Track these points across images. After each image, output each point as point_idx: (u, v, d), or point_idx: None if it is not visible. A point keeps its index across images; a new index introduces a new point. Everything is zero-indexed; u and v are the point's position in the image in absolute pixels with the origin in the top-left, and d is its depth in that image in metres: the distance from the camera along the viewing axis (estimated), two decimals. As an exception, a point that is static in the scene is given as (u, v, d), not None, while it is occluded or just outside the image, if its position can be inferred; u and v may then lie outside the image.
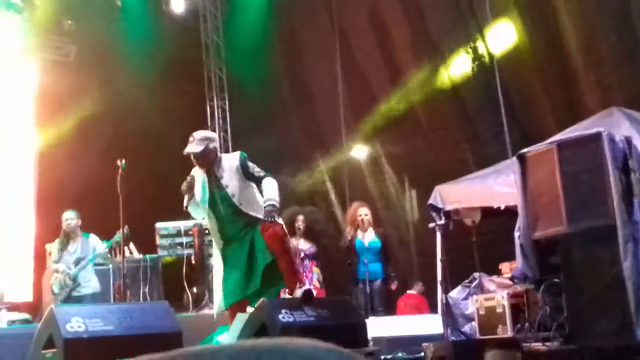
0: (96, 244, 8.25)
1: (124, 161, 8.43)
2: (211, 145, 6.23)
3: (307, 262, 9.19)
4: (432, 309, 9.58)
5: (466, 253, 9.46)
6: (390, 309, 9.39)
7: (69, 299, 7.90)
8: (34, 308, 9.89)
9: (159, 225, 9.20)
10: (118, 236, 7.98)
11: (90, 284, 8.13)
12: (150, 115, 11.39)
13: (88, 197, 9.72)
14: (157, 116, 11.41)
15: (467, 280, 9.30)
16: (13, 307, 9.20)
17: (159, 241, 9.10)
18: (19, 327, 8.38)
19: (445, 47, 10.98)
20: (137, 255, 9.17)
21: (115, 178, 9.20)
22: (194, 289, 9.17)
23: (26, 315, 8.96)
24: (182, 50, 12.64)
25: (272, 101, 12.98)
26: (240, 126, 13.17)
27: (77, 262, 8.04)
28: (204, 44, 13.45)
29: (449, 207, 9.29)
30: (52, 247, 9.15)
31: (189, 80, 12.87)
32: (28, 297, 10.57)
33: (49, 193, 11.04)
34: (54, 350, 5.58)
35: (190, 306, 8.94)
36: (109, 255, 8.62)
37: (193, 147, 6.18)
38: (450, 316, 8.88)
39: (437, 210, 9.34)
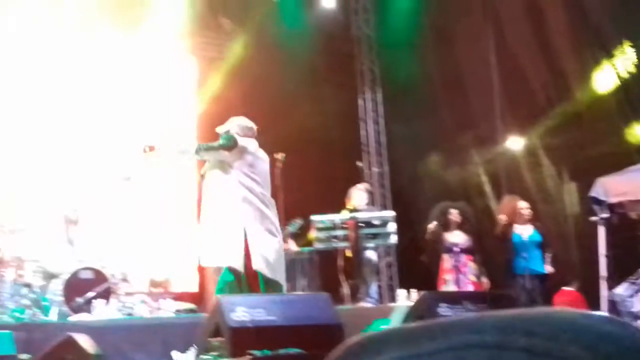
0: None
1: (283, 155, 8.62)
2: None
3: (462, 256, 9.07)
4: (593, 306, 9.24)
5: (631, 248, 9.08)
6: (549, 305, 9.13)
7: None
8: (198, 298, 10.30)
9: (315, 218, 9.33)
10: (294, 225, 8.16)
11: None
12: (304, 109, 11.56)
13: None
14: (312, 110, 11.58)
15: (633, 277, 8.91)
16: (178, 297, 9.58)
17: (315, 234, 9.22)
18: (185, 317, 8.76)
19: (607, 32, 10.54)
20: (294, 248, 9.34)
21: (273, 172, 9.46)
22: (350, 282, 9.24)
23: (191, 305, 9.32)
24: (335, 45, 12.76)
25: (424, 94, 12.88)
26: (392, 119, 13.17)
27: None
28: (356, 37, 13.54)
29: (612, 200, 8.93)
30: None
31: (342, 74, 12.98)
32: (193, 287, 11.02)
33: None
34: (221, 338, 5.79)
35: (348, 299, 9.01)
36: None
37: None
38: (615, 314, 8.53)
39: (600, 203, 8.99)
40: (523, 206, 8.78)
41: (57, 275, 8.56)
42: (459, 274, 9.05)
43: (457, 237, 9.19)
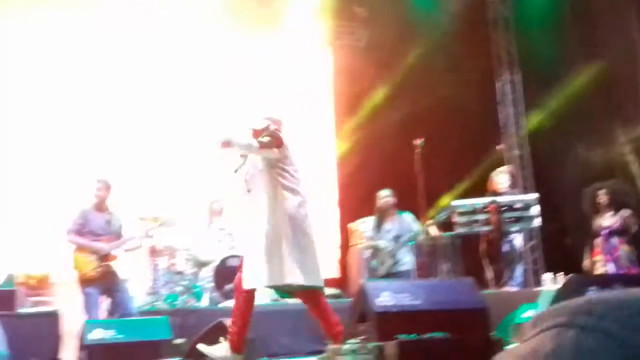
0: (412, 222, 8.47)
1: (422, 140, 8.62)
2: None
3: (613, 239, 8.74)
4: None
5: None
6: None
7: (387, 276, 8.15)
8: (341, 283, 10.46)
9: (455, 202, 9.27)
10: (441, 214, 8.16)
11: (406, 261, 8.36)
12: (441, 94, 11.48)
13: (386, 176, 10.03)
14: (448, 94, 11.48)
15: None
16: (326, 283, 9.73)
17: (456, 218, 9.17)
18: (330, 302, 8.89)
19: None
20: (436, 233, 9.32)
21: (411, 157, 9.47)
22: (494, 267, 9.14)
23: (336, 290, 9.47)
24: (470, 27, 12.58)
25: (564, 75, 12.50)
26: (531, 102, 12.88)
27: (394, 239, 8.30)
28: (492, 19, 13.30)
29: None
30: (359, 226, 9.61)
31: (478, 57, 12.78)
32: (335, 273, 11.21)
33: (349, 173, 11.62)
34: (367, 323, 5.88)
35: (492, 283, 8.92)
36: (426, 233, 8.83)
37: None
38: None
39: None
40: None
41: (207, 263, 8.92)
42: (611, 258, 8.75)
43: (607, 220, 8.88)
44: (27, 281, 9.05)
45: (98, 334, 6.54)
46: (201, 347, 5.62)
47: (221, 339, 5.66)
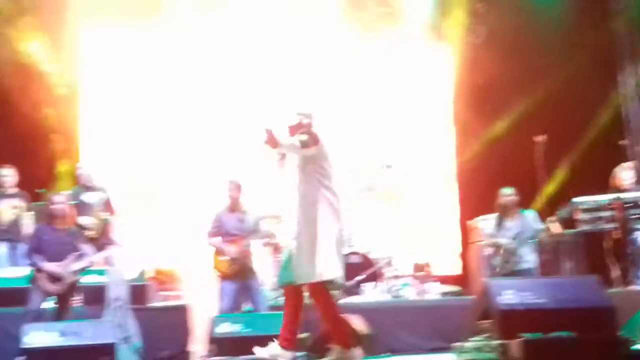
0: (534, 220, 8.37)
1: (544, 137, 8.50)
2: None
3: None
4: None
5: None
6: None
7: (509, 274, 8.08)
8: (462, 280, 10.41)
9: (577, 200, 9.07)
10: (564, 211, 8.06)
11: (529, 259, 8.27)
12: (561, 88, 11.23)
13: (506, 173, 9.92)
14: (569, 88, 11.22)
15: None
16: (442, 280, 9.75)
17: (579, 216, 8.98)
18: (450, 299, 8.94)
19: None
20: (558, 230, 9.15)
21: (532, 153, 9.34)
22: (620, 265, 8.89)
23: (456, 288, 9.46)
24: (592, 19, 12.24)
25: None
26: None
27: (515, 237, 8.23)
28: (614, 10, 12.89)
29: None
30: (479, 223, 9.54)
31: (600, 50, 12.43)
32: (456, 270, 11.17)
33: (469, 170, 11.57)
34: (490, 321, 5.88)
35: (617, 282, 8.69)
36: (549, 231, 8.71)
37: None
38: None
39: None
40: None
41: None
42: None
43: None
44: (157, 276, 9.45)
45: (226, 328, 6.80)
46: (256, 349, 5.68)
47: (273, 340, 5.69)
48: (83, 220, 8.48)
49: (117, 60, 10.97)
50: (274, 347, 5.57)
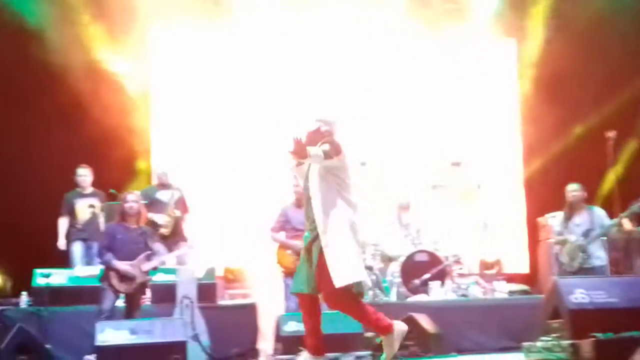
0: (603, 216, 8.20)
1: (614, 132, 8.32)
2: None
3: None
4: None
5: None
6: None
7: (579, 271, 7.93)
8: (530, 279, 10.28)
9: (650, 196, 8.85)
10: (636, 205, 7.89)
11: (599, 256, 8.10)
12: (631, 83, 10.97)
13: (574, 170, 9.76)
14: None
15: None
16: (510, 278, 9.64)
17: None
18: (518, 298, 8.82)
19: None
20: (629, 227, 8.95)
21: (602, 150, 9.14)
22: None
23: (524, 286, 9.33)
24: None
25: None
26: None
27: (584, 234, 8.07)
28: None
29: None
30: (548, 220, 9.40)
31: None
32: (524, 269, 11.03)
33: (537, 167, 11.41)
34: (560, 320, 5.80)
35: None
36: (620, 227, 8.52)
37: None
38: None
39: None
40: None
41: (394, 258, 9.06)
42: None
43: None
44: (226, 274, 9.57)
45: (293, 326, 6.84)
46: None
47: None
48: (157, 218, 8.63)
49: (187, 60, 11.13)
50: (305, 356, 5.52)
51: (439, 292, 8.60)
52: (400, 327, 5.38)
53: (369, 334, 6.95)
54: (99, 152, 9.52)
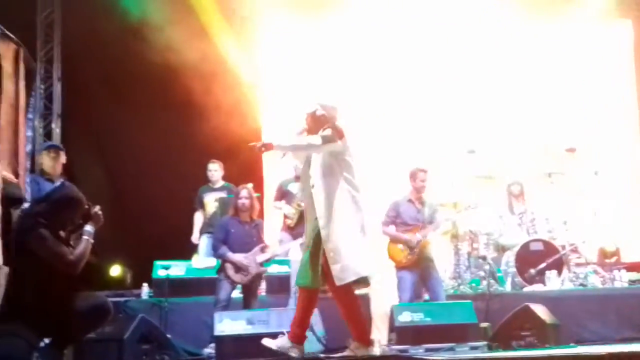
0: None
1: None
2: None
3: None
4: None
5: None
6: None
7: None
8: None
9: None
10: None
11: None
12: None
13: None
14: None
15: None
16: (630, 267, 9.31)
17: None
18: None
19: None
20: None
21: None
22: None
23: (641, 275, 9.03)
24: None
25: None
26: None
27: None
28: None
29: None
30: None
31: None
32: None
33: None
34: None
35: None
36: None
37: None
38: None
39: None
40: None
41: (508, 247, 8.90)
42: None
43: None
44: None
45: (407, 317, 6.83)
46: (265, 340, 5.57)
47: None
48: (285, 209, 8.81)
49: (298, 54, 11.26)
50: (284, 340, 5.53)
51: (556, 282, 8.39)
52: (374, 349, 5.53)
53: (485, 324, 6.88)
54: (219, 149, 9.71)
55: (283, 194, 8.90)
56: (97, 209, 5.05)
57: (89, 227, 4.96)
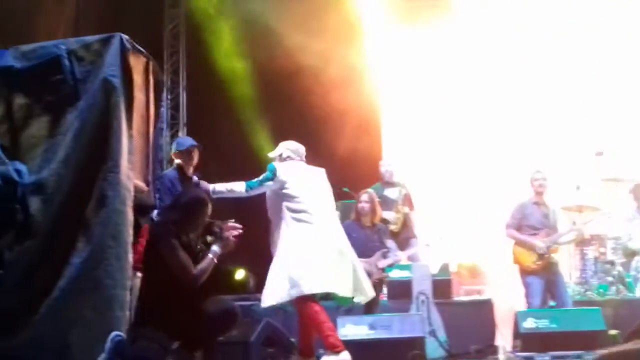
0: None
1: None
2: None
3: None
4: None
5: None
6: None
7: None
8: None
9: None
10: None
11: None
12: None
13: None
14: None
15: None
16: None
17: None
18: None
19: None
20: None
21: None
22: None
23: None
24: None
25: None
26: None
27: None
28: None
29: None
30: None
31: None
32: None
33: None
34: None
35: None
36: None
37: None
38: None
39: None
40: None
41: (637, 252, 8.59)
42: None
43: None
44: (460, 270, 9.54)
45: (531, 323, 6.69)
46: None
47: None
48: (386, 215, 8.75)
49: (415, 58, 11.27)
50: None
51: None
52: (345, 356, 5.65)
53: (613, 332, 6.67)
54: (336, 151, 9.79)
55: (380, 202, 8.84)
56: (230, 222, 5.23)
57: (216, 248, 5.10)
